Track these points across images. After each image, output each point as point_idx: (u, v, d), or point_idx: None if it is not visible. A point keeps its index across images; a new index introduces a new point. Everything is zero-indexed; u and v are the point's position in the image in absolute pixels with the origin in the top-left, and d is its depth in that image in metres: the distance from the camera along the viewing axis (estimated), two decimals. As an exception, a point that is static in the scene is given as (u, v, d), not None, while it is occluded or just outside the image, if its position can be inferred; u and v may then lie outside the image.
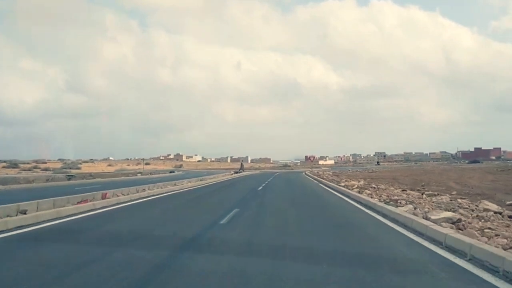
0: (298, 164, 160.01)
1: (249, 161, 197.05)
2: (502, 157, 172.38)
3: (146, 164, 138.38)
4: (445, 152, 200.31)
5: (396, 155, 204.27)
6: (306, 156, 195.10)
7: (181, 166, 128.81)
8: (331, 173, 43.90)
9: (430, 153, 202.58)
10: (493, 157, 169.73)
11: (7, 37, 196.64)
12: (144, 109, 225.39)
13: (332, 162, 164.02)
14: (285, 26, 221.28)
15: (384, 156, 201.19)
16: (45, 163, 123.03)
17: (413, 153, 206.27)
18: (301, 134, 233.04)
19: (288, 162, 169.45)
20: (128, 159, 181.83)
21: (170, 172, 69.85)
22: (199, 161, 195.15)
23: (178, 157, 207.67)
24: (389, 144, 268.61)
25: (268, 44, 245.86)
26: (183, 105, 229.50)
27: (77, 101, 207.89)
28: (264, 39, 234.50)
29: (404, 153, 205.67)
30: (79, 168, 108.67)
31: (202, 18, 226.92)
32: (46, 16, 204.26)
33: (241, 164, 78.13)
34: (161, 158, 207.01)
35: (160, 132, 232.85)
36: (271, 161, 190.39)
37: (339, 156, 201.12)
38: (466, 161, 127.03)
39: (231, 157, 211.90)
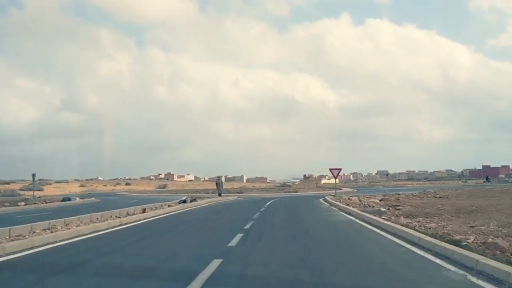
0: (297, 183, 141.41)
1: (245, 181, 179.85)
2: None
3: (127, 184, 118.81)
4: (451, 170, 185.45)
5: (399, 173, 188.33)
6: (304, 175, 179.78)
7: (165, 186, 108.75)
8: (377, 201, 23.24)
9: (435, 171, 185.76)
10: (503, 175, 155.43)
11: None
12: (139, 128, 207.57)
13: (337, 181, 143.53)
14: (282, 45, 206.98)
15: (387, 175, 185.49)
16: (8, 183, 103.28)
17: (417, 171, 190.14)
18: (299, 153, 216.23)
19: (286, 181, 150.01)
20: (116, 179, 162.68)
21: (63, 201, 43.99)
22: (190, 180, 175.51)
23: (169, 176, 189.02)
24: (390, 162, 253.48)
25: (265, 62, 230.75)
26: (179, 124, 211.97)
27: (70, 119, 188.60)
28: (261, 57, 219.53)
29: (407, 171, 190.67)
30: (41, 190, 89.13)
31: (198, 35, 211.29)
32: (40, 33, 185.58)
33: (217, 183, 50.35)
34: (151, 177, 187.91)
35: (155, 151, 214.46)
36: (268, 180, 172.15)
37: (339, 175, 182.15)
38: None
39: (225, 176, 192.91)
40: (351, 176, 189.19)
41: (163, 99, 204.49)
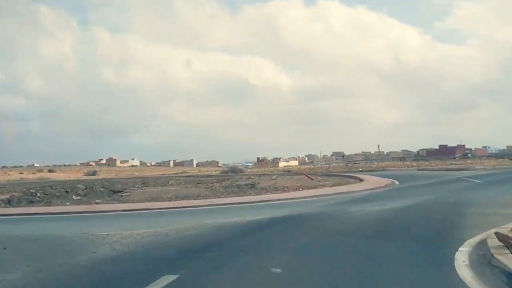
0: (250, 167, 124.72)
1: (194, 165, 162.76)
2: (469, 154, 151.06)
3: (50, 171, 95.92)
4: (407, 150, 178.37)
5: (355, 154, 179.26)
6: (258, 158, 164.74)
7: (95, 173, 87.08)
8: None
9: (390, 152, 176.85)
10: (459, 154, 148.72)
11: None
12: (87, 111, 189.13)
13: (296, 163, 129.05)
14: (234, 26, 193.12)
15: (343, 156, 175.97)
16: None
17: (372, 152, 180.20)
18: (253, 136, 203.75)
19: (239, 164, 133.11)
20: (48, 166, 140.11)
21: None
22: (133, 166, 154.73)
23: (110, 161, 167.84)
24: (345, 144, 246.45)
25: (217, 44, 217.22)
26: (129, 107, 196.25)
27: (7, 102, 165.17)
28: (213, 39, 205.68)
29: (362, 152, 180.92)
30: None
31: (147, 16, 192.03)
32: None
33: None
34: (91, 163, 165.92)
35: (103, 136, 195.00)
36: (220, 164, 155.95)
37: (294, 157, 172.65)
38: None
39: (174, 160, 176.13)
40: (306, 158, 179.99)
41: (111, 81, 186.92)
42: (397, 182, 27.80)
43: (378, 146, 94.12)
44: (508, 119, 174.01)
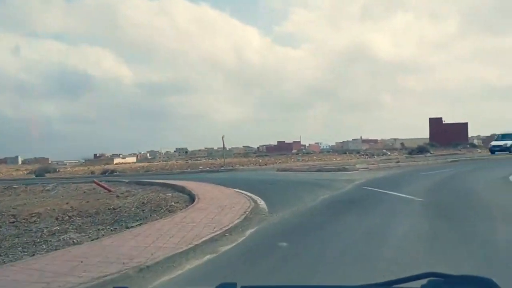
0: (83, 163, 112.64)
1: (20, 162, 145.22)
2: (304, 150, 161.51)
3: None
4: (248, 146, 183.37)
5: (198, 150, 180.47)
6: (95, 155, 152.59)
7: None
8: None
9: (233, 148, 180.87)
10: (295, 150, 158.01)
11: None
12: None
13: (133, 159, 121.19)
14: (70, 14, 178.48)
15: (186, 152, 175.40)
16: None
17: (215, 148, 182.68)
18: (91, 131, 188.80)
19: (72, 161, 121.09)
20: None
21: None
22: None
23: None
24: (190, 140, 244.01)
25: (51, 31, 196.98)
26: None
27: None
28: (45, 26, 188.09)
29: (205, 148, 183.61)
30: None
31: None
32: None
33: None
34: None
35: None
36: (50, 161, 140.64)
37: (134, 154, 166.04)
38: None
39: None
40: (148, 154, 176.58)
41: None
42: (262, 203, 12.33)
43: (223, 137, 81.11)
44: (336, 117, 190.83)
